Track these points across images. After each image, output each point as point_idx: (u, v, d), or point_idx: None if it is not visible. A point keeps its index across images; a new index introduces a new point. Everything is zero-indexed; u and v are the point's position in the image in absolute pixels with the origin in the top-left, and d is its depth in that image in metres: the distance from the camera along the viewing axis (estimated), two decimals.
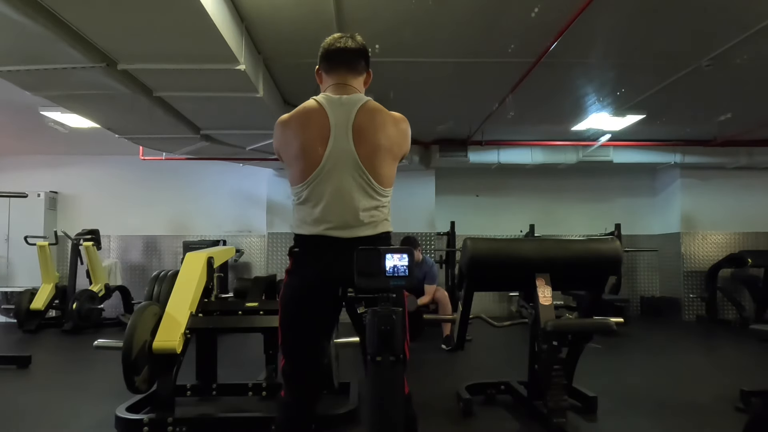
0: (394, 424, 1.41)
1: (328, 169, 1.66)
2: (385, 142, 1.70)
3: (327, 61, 1.81)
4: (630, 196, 8.07)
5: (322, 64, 1.84)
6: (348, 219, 1.67)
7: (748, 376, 3.86)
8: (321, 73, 1.85)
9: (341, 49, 1.79)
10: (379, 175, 1.69)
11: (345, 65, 1.79)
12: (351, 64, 1.79)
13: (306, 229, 1.70)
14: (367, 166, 1.67)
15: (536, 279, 2.88)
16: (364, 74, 1.84)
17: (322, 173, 1.66)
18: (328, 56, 1.81)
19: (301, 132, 1.70)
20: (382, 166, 1.70)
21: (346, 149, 1.66)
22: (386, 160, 1.71)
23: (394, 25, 3.59)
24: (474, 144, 6.84)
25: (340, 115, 1.69)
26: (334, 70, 1.80)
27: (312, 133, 1.68)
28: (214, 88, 3.94)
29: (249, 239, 7.90)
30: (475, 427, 3.01)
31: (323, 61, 1.83)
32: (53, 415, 3.18)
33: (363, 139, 1.67)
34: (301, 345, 1.75)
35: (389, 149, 1.71)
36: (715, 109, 5.56)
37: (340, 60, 1.79)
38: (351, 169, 1.66)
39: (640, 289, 8.00)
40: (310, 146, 1.67)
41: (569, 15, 3.36)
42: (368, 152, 1.67)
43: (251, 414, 3.03)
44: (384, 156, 1.70)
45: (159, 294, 5.14)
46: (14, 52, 3.32)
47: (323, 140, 1.66)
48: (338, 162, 1.66)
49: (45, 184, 7.80)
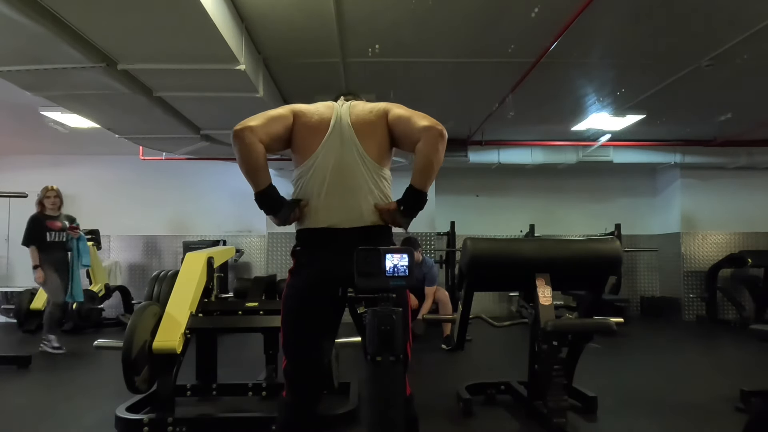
0: (394, 425, 1.41)
1: (331, 139, 1.79)
2: (376, 120, 1.84)
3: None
4: (630, 196, 8.07)
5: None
6: (348, 201, 1.74)
7: (748, 376, 3.86)
8: None
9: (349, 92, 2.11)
10: (370, 147, 1.80)
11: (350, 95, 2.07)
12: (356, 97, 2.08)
13: (307, 222, 1.76)
14: (360, 138, 1.80)
15: (536, 279, 2.88)
16: None
17: (326, 143, 1.79)
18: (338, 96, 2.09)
19: (315, 114, 1.85)
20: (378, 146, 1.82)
21: (345, 124, 1.82)
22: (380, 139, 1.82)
23: (394, 25, 3.59)
24: (474, 144, 6.84)
25: (341, 104, 1.90)
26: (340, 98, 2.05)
27: (321, 115, 1.84)
28: (214, 88, 3.94)
29: (249, 239, 7.91)
30: (475, 427, 3.01)
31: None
32: (53, 415, 3.18)
33: (355, 116, 1.84)
34: (302, 345, 1.75)
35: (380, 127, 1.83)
36: (715, 109, 5.56)
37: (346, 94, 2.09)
38: (348, 139, 1.79)
39: (640, 289, 8.01)
40: (319, 124, 1.82)
41: (569, 15, 3.37)
42: (360, 126, 1.82)
43: (251, 414, 3.03)
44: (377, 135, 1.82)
45: (159, 294, 5.14)
46: (14, 52, 3.32)
47: (328, 119, 1.83)
48: (339, 134, 1.80)
49: (45, 184, 7.75)
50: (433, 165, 1.69)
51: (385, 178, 1.81)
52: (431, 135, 1.68)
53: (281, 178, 7.41)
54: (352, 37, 3.75)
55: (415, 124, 1.72)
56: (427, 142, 1.68)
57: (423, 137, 1.68)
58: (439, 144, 1.68)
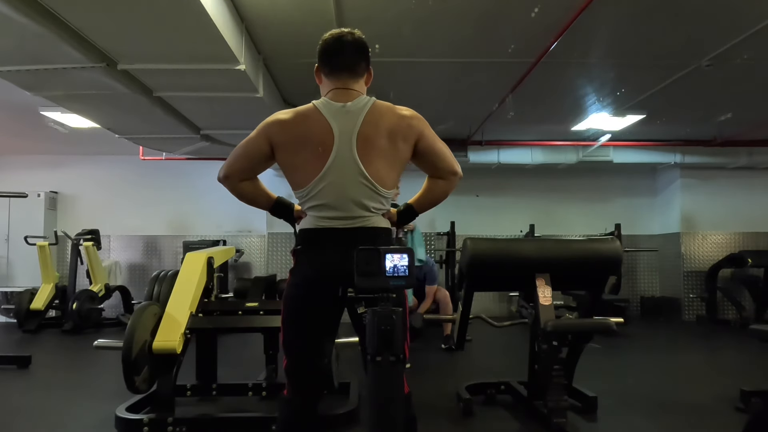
0: (394, 425, 1.41)
1: (331, 178, 1.67)
2: (391, 145, 1.70)
3: (327, 65, 1.78)
4: (630, 196, 8.07)
5: (322, 66, 1.80)
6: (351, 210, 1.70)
7: (748, 376, 3.86)
8: (320, 74, 1.84)
9: (341, 51, 1.75)
10: (382, 179, 1.70)
11: (346, 70, 1.76)
12: (351, 68, 1.76)
13: (308, 222, 1.75)
14: (371, 173, 1.67)
15: (536, 279, 2.88)
16: (365, 75, 1.82)
17: (325, 179, 1.67)
18: (328, 58, 1.77)
19: (302, 136, 1.69)
20: (388, 171, 1.72)
21: (350, 158, 1.67)
22: (393, 163, 1.73)
23: (394, 25, 3.59)
24: (474, 144, 6.84)
25: (345, 123, 1.68)
26: (334, 75, 1.77)
27: (314, 140, 1.67)
28: (214, 88, 3.95)
29: (249, 239, 7.90)
30: (475, 427, 3.00)
31: (323, 62, 1.79)
32: (53, 415, 3.18)
33: (368, 147, 1.67)
34: (302, 344, 1.75)
35: (395, 151, 1.72)
36: (715, 109, 5.56)
37: (340, 65, 1.76)
38: (355, 177, 1.67)
39: (640, 289, 8.00)
40: (312, 153, 1.68)
41: (569, 15, 3.37)
42: (373, 158, 1.68)
43: (251, 414, 3.03)
44: (390, 159, 1.72)
45: (159, 294, 5.15)
46: (14, 52, 3.33)
47: (326, 149, 1.66)
48: (342, 170, 1.67)
49: (45, 184, 7.79)
50: (440, 202, 1.90)
51: (391, 200, 1.80)
52: (454, 181, 1.84)
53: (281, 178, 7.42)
54: None
55: (448, 166, 1.81)
56: (448, 185, 1.84)
57: (447, 179, 1.83)
58: (455, 186, 1.87)
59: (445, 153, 1.81)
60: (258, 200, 1.86)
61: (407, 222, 1.94)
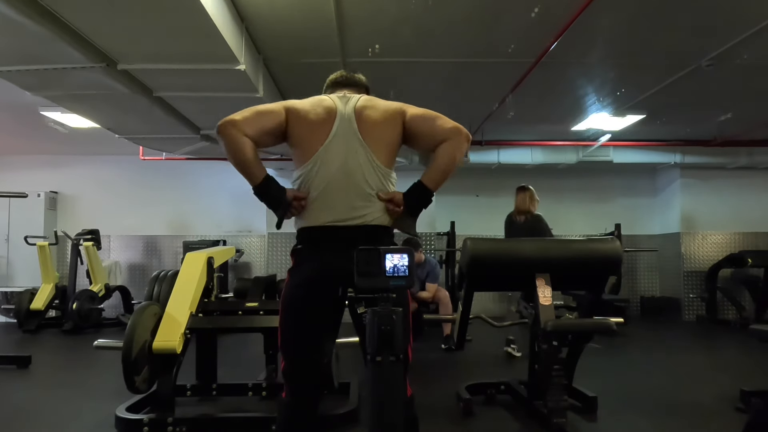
0: (394, 425, 1.40)
1: (335, 143, 1.76)
2: (383, 122, 1.81)
3: (330, 87, 2.02)
4: (630, 196, 8.07)
5: (326, 90, 2.02)
6: (352, 201, 1.72)
7: (748, 376, 3.86)
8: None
9: (346, 77, 2.02)
10: (380, 150, 1.78)
11: (348, 86, 1.99)
12: (353, 85, 2.00)
13: (308, 219, 1.75)
14: (369, 143, 1.76)
15: (536, 279, 2.88)
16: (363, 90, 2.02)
17: (329, 150, 1.75)
18: (333, 83, 2.02)
19: (313, 106, 1.82)
20: (383, 146, 1.79)
21: (350, 129, 1.78)
22: (388, 142, 1.81)
23: (394, 25, 3.59)
24: (474, 144, 6.83)
25: (346, 104, 1.84)
26: (337, 88, 1.99)
27: (322, 110, 1.80)
28: (214, 88, 3.94)
29: (249, 239, 7.90)
30: (475, 427, 3.01)
31: (327, 88, 2.03)
32: (53, 415, 3.18)
33: (365, 122, 1.79)
34: (301, 345, 1.75)
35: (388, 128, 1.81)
36: (715, 109, 5.56)
37: (343, 83, 2.00)
38: (354, 143, 1.76)
39: (640, 289, 8.00)
40: (319, 123, 1.78)
41: (569, 15, 3.37)
42: (369, 130, 1.78)
43: (251, 414, 3.03)
44: (386, 137, 1.80)
45: (159, 294, 5.15)
46: (14, 52, 3.32)
47: (331, 120, 1.79)
48: (344, 136, 1.77)
49: (45, 184, 7.80)
50: (455, 165, 1.77)
51: (391, 181, 1.81)
52: (460, 137, 1.75)
53: (281, 178, 7.42)
54: (352, 37, 3.75)
55: (442, 125, 1.77)
56: (453, 144, 1.74)
57: (451, 138, 1.74)
58: (464, 146, 1.76)
59: (439, 114, 1.82)
60: (250, 164, 1.71)
61: (419, 206, 1.80)
